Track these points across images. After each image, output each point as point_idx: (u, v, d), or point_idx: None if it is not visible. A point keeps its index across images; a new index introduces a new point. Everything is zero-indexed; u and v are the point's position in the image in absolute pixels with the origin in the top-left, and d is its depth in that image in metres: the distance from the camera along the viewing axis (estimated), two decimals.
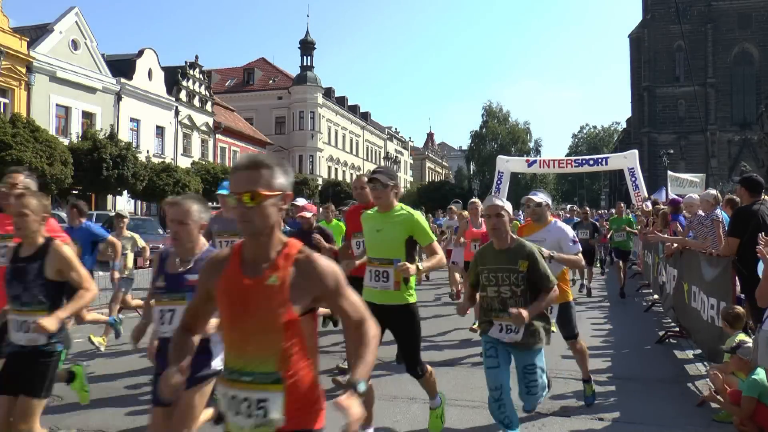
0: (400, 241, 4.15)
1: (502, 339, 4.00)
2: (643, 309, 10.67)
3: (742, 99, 59.27)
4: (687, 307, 7.37)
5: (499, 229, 3.95)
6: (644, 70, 62.09)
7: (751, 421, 4.35)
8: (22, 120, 24.01)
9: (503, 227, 3.96)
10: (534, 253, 3.96)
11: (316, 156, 54.23)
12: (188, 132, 39.96)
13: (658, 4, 60.24)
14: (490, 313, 4.06)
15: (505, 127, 72.82)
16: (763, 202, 5.78)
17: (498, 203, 4.01)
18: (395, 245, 4.16)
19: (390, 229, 4.17)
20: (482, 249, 4.24)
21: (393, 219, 4.19)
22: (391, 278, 4.12)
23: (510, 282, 3.95)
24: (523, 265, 3.92)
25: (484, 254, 4.14)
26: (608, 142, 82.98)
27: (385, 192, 4.20)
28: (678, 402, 5.36)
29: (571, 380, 6.02)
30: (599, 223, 15.64)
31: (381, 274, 4.16)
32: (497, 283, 3.99)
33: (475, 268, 4.19)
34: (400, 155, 74.19)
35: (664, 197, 18.92)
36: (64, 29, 30.27)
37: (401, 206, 4.29)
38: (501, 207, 3.97)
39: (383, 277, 4.15)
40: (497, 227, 3.96)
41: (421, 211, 17.80)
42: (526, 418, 4.91)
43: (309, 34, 55.13)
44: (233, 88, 55.93)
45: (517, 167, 30.05)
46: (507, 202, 4.14)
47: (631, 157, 27.24)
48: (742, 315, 5.22)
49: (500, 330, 4.02)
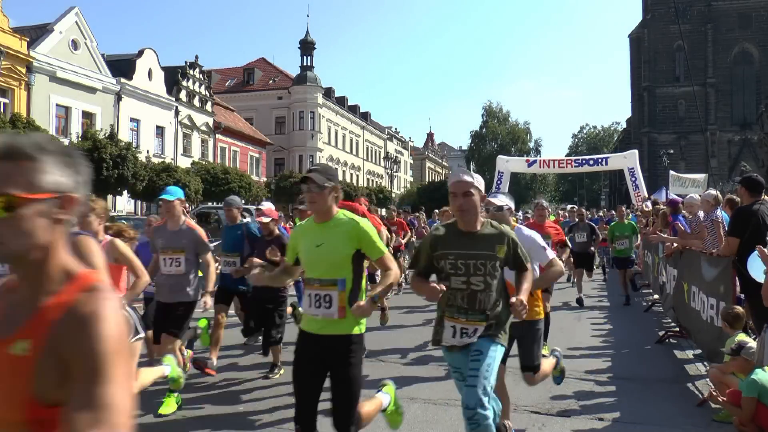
0: (346, 257, 3.43)
1: (455, 344, 3.42)
2: (643, 309, 10.67)
3: (742, 99, 59.28)
4: (687, 307, 7.37)
5: (468, 210, 3.35)
6: (644, 70, 62.10)
7: (750, 421, 4.35)
8: (22, 120, 24.02)
9: (473, 208, 3.36)
10: (511, 236, 3.46)
11: (316, 156, 54.20)
12: (188, 132, 39.95)
13: (658, 4, 60.24)
14: (447, 310, 3.45)
15: (505, 127, 72.85)
16: (763, 202, 5.78)
17: (466, 179, 3.37)
18: (339, 262, 3.43)
19: (332, 242, 3.43)
20: (441, 230, 3.56)
21: (335, 229, 3.46)
22: (335, 303, 3.39)
23: (485, 271, 3.35)
24: (501, 250, 3.37)
25: (445, 237, 3.47)
26: (608, 142, 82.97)
27: (321, 195, 3.44)
28: (678, 402, 5.36)
29: (571, 380, 6.03)
30: (598, 226, 14.74)
31: (323, 298, 3.40)
32: (467, 272, 3.36)
33: (428, 251, 3.51)
34: (400, 155, 74.15)
35: (664, 197, 18.90)
36: (64, 29, 30.26)
37: (342, 212, 3.57)
38: (470, 184, 3.35)
39: (325, 302, 3.40)
40: (465, 208, 3.35)
41: (421, 212, 17.50)
42: (526, 417, 4.91)
43: (309, 34, 55.13)
44: (233, 88, 55.92)
45: (517, 167, 30.07)
46: (478, 177, 3.49)
47: (631, 157, 27.27)
48: (741, 315, 5.22)
49: (453, 334, 3.41)
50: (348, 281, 3.42)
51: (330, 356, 3.39)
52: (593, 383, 5.96)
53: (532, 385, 4.57)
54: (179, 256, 5.25)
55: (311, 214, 3.71)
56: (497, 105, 75.08)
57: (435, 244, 3.48)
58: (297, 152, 53.17)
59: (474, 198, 3.36)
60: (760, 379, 4.37)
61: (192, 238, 5.35)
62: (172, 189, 5.34)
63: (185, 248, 5.28)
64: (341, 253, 3.43)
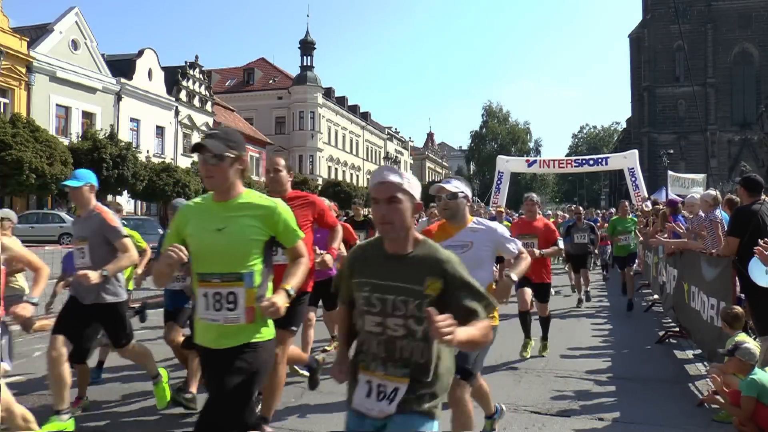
0: (255, 246, 2.76)
1: (369, 411, 2.29)
2: (643, 309, 10.67)
3: (742, 99, 59.31)
4: (687, 307, 7.37)
5: (393, 224, 2.27)
6: (644, 70, 62.13)
7: (750, 421, 4.35)
8: (22, 120, 24.04)
9: (401, 221, 2.28)
10: (453, 266, 2.30)
11: (316, 156, 54.24)
12: (188, 132, 39.97)
13: (658, 4, 60.27)
14: (361, 359, 2.38)
15: (505, 127, 72.92)
16: (763, 202, 5.78)
17: (392, 179, 2.30)
18: (247, 252, 2.73)
19: (238, 226, 2.73)
20: (362, 248, 2.50)
21: (242, 211, 2.77)
22: (241, 304, 2.69)
23: (406, 313, 2.27)
24: (433, 285, 2.26)
25: (365, 257, 2.41)
26: (608, 142, 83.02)
27: (219, 168, 2.71)
28: (678, 402, 5.36)
29: (571, 380, 6.03)
30: (598, 225, 14.64)
31: (225, 297, 2.69)
32: (383, 311, 2.30)
33: (347, 277, 2.48)
34: (400, 155, 74.17)
35: (664, 197, 18.91)
36: (64, 29, 30.28)
37: (249, 192, 2.88)
38: (397, 186, 2.28)
39: (228, 303, 2.69)
40: (388, 220, 2.27)
41: None
42: (526, 417, 4.91)
43: (309, 34, 55.21)
44: (233, 88, 55.97)
45: (517, 167, 30.08)
46: (411, 177, 2.39)
47: (631, 157, 27.27)
48: (740, 315, 5.22)
49: (368, 393, 2.29)
50: (257, 275, 2.76)
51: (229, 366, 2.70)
52: (593, 383, 5.95)
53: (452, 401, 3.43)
54: (83, 246, 4.52)
55: None
56: (497, 105, 75.29)
57: (352, 267, 2.44)
58: (297, 152, 53.19)
59: (402, 206, 2.27)
60: (760, 379, 4.37)
61: (97, 223, 4.50)
62: (80, 173, 4.63)
63: (90, 236, 4.50)
64: (248, 241, 2.74)
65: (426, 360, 2.30)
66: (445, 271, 2.29)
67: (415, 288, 2.27)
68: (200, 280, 2.77)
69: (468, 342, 2.16)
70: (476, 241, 3.67)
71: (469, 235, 3.70)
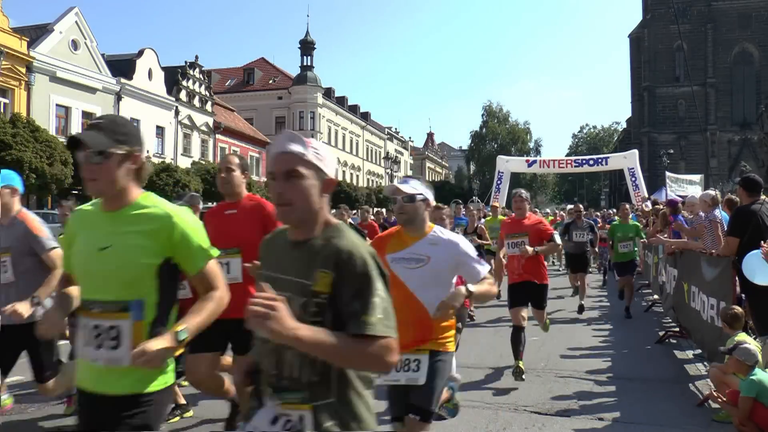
0: (146, 270, 2.17)
1: None
2: (643, 309, 10.67)
3: (742, 99, 59.27)
4: (687, 307, 7.37)
5: (292, 204, 1.82)
6: (644, 70, 62.10)
7: (750, 421, 4.35)
8: (22, 120, 24.04)
9: (303, 199, 1.83)
10: (354, 258, 1.78)
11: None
12: (188, 132, 39.94)
13: (658, 4, 60.23)
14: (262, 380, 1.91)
15: (505, 127, 72.85)
16: (762, 202, 5.78)
17: (293, 148, 1.83)
18: (135, 277, 2.15)
19: (123, 246, 2.16)
20: (273, 234, 2.08)
21: (130, 225, 2.19)
22: (125, 341, 2.12)
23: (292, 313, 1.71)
24: (324, 281, 1.79)
25: (271, 246, 2.02)
26: (608, 142, 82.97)
27: (103, 169, 2.15)
28: (678, 402, 5.36)
29: (571, 380, 6.03)
30: (598, 226, 14.00)
31: (106, 332, 2.13)
32: None
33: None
34: (400, 155, 74.14)
35: (664, 197, 18.92)
36: (64, 29, 30.26)
37: (147, 197, 2.29)
38: (298, 158, 1.82)
39: (110, 339, 2.13)
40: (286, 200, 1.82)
41: None
42: (526, 417, 4.91)
43: (309, 34, 55.17)
44: (233, 88, 55.94)
45: (517, 167, 30.10)
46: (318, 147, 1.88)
47: (631, 157, 27.30)
48: (740, 315, 5.22)
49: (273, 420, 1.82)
50: (148, 306, 2.16)
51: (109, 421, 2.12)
52: (593, 383, 5.96)
53: None
54: (5, 259, 3.94)
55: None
56: (497, 105, 75.12)
57: (261, 258, 2.07)
58: None
59: (305, 182, 1.80)
60: (759, 380, 4.37)
61: (20, 231, 3.97)
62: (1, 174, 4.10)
63: (12, 247, 3.95)
64: (139, 265, 2.15)
65: (322, 378, 1.77)
66: (338, 263, 1.77)
67: (304, 282, 1.79)
68: (82, 307, 2.23)
69: (313, 347, 1.65)
70: (434, 256, 3.12)
71: (427, 248, 3.16)
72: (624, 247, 10.18)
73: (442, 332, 3.23)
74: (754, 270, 4.86)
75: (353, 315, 1.73)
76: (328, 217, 1.91)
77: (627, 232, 10.24)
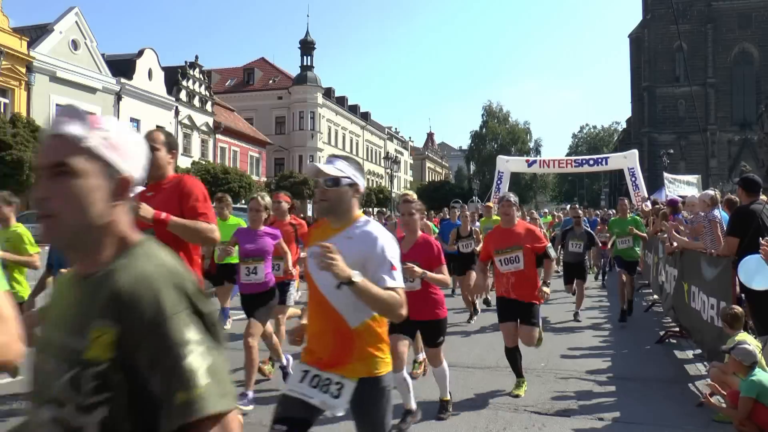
0: None
1: None
2: (643, 309, 10.67)
3: (742, 99, 59.27)
4: (687, 307, 7.37)
5: (55, 216, 1.20)
6: (644, 70, 62.10)
7: (750, 421, 4.35)
8: (22, 120, 24.04)
9: (73, 208, 1.20)
10: (136, 299, 1.14)
11: (316, 156, 54.18)
12: (188, 132, 39.95)
13: (658, 4, 60.22)
14: None
15: (505, 127, 72.82)
16: (762, 203, 5.79)
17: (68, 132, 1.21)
18: None
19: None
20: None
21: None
22: None
23: (61, 392, 1.15)
24: (99, 340, 1.13)
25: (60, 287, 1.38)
26: (608, 142, 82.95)
27: None
28: (678, 402, 5.36)
29: (571, 380, 6.04)
30: (598, 226, 13.94)
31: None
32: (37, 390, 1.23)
33: None
34: (400, 155, 74.11)
35: (664, 197, 18.91)
36: (64, 29, 30.26)
37: None
38: (72, 145, 1.21)
39: None
40: (47, 210, 1.21)
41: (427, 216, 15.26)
42: (526, 417, 4.91)
43: (309, 34, 55.16)
44: (233, 88, 55.94)
45: (517, 167, 30.06)
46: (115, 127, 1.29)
47: (631, 157, 27.28)
48: (740, 315, 5.22)
49: None
50: None
51: None
52: (593, 383, 5.96)
53: None
54: None
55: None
56: (497, 105, 75.07)
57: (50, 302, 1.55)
58: (297, 152, 53.18)
59: (80, 183, 1.21)
60: (759, 380, 4.37)
61: None
62: None
63: None
64: None
65: None
66: (120, 310, 1.14)
67: (73, 345, 1.16)
68: None
69: None
70: (344, 252, 2.41)
71: (341, 242, 2.50)
72: (623, 243, 9.84)
73: (370, 346, 2.58)
74: (751, 275, 4.87)
75: (162, 397, 1.11)
76: (126, 235, 1.26)
77: (625, 228, 9.84)
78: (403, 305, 2.47)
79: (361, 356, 2.56)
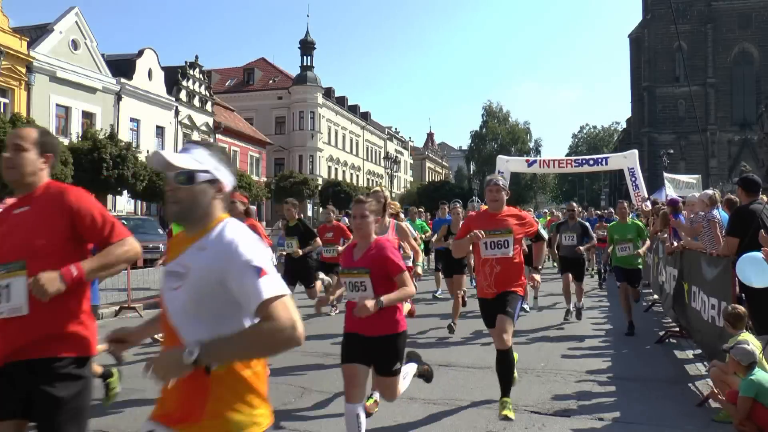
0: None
1: None
2: (643, 309, 10.67)
3: (742, 99, 59.27)
4: (687, 307, 7.37)
5: None
6: (644, 70, 62.10)
7: (750, 421, 4.36)
8: (22, 120, 24.03)
9: None
10: None
11: (316, 156, 54.25)
12: (188, 132, 39.95)
13: (658, 4, 60.21)
14: None
15: (505, 127, 72.85)
16: (762, 202, 5.79)
17: None
18: None
19: None
20: None
21: None
22: None
23: None
24: None
25: None
26: (608, 142, 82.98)
27: None
28: (678, 402, 5.36)
29: (571, 380, 6.03)
30: (597, 226, 13.68)
31: None
32: None
33: None
34: (400, 155, 74.12)
35: (664, 197, 18.91)
36: (64, 29, 30.27)
37: None
38: None
39: None
40: None
41: (420, 215, 14.69)
42: (526, 417, 4.91)
43: (309, 34, 55.21)
44: (233, 88, 55.98)
45: (517, 167, 30.02)
46: None
47: (631, 157, 27.24)
48: (743, 314, 5.22)
49: None
50: None
51: None
52: (593, 383, 5.96)
53: None
54: None
55: None
56: (497, 105, 75.14)
57: None
58: (297, 152, 53.21)
59: None
60: (759, 380, 4.37)
61: None
62: None
63: None
64: None
65: None
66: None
67: None
68: None
69: None
70: (195, 267, 1.90)
71: (194, 255, 1.93)
72: (622, 249, 8.76)
73: (231, 397, 1.89)
74: (749, 274, 4.86)
75: None
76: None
77: (625, 233, 8.81)
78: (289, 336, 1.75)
79: (216, 412, 1.86)
